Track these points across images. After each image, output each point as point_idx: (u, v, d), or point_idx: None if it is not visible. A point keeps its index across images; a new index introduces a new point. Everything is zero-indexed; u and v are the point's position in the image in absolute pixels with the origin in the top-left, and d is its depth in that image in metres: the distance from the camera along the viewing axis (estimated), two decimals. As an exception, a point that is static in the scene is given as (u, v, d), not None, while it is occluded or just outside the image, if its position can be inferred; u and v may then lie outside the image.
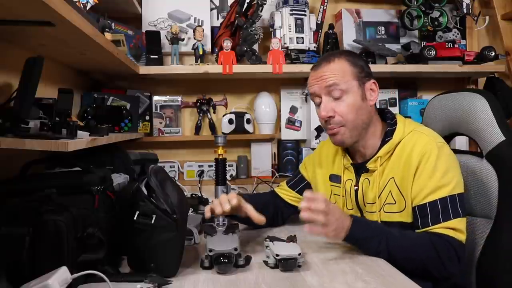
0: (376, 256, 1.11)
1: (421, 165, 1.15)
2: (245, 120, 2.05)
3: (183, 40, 1.98)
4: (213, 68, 1.89)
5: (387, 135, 1.23)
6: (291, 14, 1.94)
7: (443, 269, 1.10)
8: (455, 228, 1.11)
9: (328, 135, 1.27)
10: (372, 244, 1.11)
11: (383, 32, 2.12)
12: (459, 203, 1.13)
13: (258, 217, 1.17)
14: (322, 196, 1.10)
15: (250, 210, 1.18)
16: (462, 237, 1.12)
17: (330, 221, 1.07)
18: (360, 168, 1.27)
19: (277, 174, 2.08)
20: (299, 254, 1.03)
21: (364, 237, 1.12)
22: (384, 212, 1.21)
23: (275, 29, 1.96)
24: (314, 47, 1.99)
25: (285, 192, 1.46)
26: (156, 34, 1.95)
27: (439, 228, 1.11)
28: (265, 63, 1.92)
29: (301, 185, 1.44)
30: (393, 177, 1.20)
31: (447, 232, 1.11)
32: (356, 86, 1.21)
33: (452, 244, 1.10)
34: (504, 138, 1.25)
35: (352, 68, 1.22)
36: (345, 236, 1.10)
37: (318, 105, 1.24)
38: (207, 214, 1.17)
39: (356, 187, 1.27)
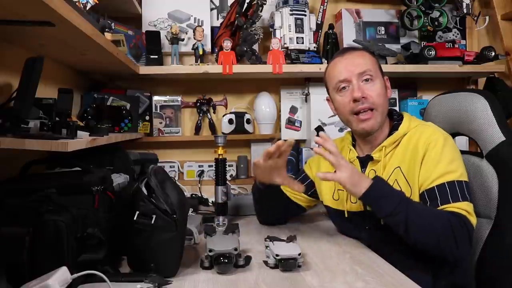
0: (392, 217, 1.09)
1: (427, 152, 1.17)
2: (245, 120, 2.05)
3: (183, 40, 1.98)
4: (213, 68, 1.89)
5: (393, 129, 1.27)
6: (291, 14, 1.93)
7: (455, 248, 1.07)
8: (466, 210, 1.11)
9: (355, 123, 1.27)
10: (391, 203, 1.10)
11: (383, 32, 2.12)
12: (467, 190, 1.13)
13: (297, 185, 1.33)
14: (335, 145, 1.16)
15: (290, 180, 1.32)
16: (473, 220, 1.11)
17: (341, 164, 1.12)
18: (365, 161, 1.29)
19: (277, 174, 2.08)
20: (299, 254, 1.03)
21: (384, 195, 1.11)
22: None
23: (275, 29, 1.95)
24: (314, 47, 1.98)
25: (289, 189, 1.46)
26: (156, 34, 1.95)
27: (451, 208, 1.11)
28: (265, 63, 1.92)
29: (305, 183, 1.45)
30: (399, 167, 1.21)
31: (461, 211, 1.10)
32: (381, 77, 1.29)
33: (466, 223, 1.09)
34: (504, 138, 1.25)
35: (376, 60, 1.31)
36: (365, 191, 1.11)
37: (342, 89, 1.27)
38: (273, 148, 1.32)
39: None
